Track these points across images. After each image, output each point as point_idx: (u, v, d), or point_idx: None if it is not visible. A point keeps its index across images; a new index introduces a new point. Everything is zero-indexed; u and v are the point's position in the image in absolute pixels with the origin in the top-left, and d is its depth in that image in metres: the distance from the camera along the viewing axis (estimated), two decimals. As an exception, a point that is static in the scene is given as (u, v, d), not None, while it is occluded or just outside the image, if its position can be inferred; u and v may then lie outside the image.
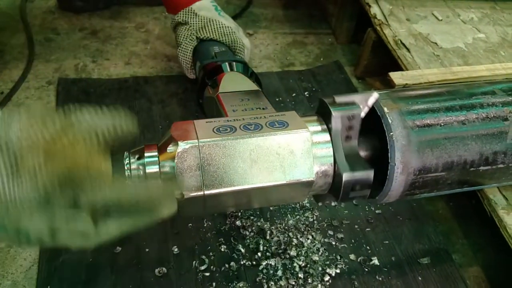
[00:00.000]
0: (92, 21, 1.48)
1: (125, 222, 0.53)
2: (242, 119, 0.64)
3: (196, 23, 1.14)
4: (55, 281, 0.80)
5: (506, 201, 0.81)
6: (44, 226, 0.50)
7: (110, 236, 0.53)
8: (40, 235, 0.50)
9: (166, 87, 1.23)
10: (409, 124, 0.64)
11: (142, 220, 0.54)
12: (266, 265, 0.84)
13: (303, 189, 0.64)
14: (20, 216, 0.49)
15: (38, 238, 0.50)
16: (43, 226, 0.50)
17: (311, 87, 1.28)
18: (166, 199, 0.56)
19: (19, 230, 0.50)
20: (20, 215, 0.49)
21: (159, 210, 0.56)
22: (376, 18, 1.24)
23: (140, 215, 0.54)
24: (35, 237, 0.50)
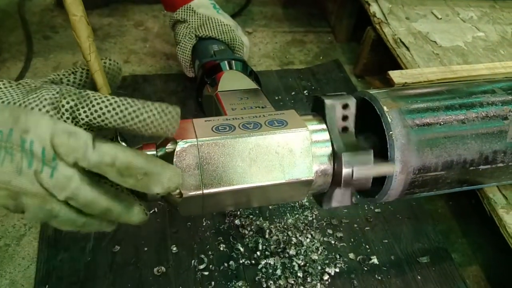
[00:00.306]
0: (90, 19, 1.45)
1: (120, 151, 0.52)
2: (241, 118, 0.64)
3: (194, 21, 1.13)
4: (53, 280, 0.79)
5: (505, 200, 0.81)
6: (47, 134, 0.50)
7: (104, 159, 0.50)
8: (42, 145, 0.50)
9: (165, 85, 1.23)
10: (408, 123, 0.64)
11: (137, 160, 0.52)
12: (265, 264, 0.84)
13: (303, 188, 0.64)
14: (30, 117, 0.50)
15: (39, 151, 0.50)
16: (47, 135, 0.50)
17: (310, 86, 1.28)
18: None
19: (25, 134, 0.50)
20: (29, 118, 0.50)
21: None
22: (375, 16, 1.24)
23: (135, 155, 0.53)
24: (37, 148, 0.49)
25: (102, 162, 0.50)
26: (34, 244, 0.86)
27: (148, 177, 0.52)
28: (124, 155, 0.51)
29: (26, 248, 0.86)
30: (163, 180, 0.53)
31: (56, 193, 0.51)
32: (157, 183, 0.53)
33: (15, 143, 0.50)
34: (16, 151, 0.50)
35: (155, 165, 0.53)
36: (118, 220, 0.56)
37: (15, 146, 0.50)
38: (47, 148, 0.50)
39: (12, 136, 0.49)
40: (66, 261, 0.82)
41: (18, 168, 0.50)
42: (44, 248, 0.84)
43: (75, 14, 0.56)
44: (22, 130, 0.49)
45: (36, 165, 0.50)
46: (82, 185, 0.51)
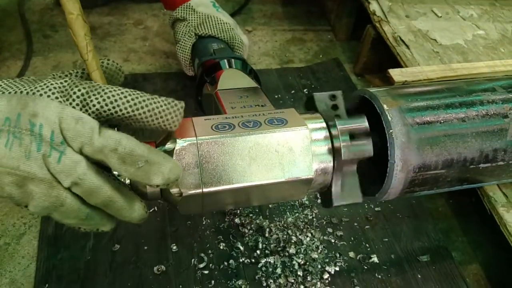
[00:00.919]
0: (90, 18, 1.48)
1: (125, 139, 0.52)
2: (240, 116, 0.63)
3: (194, 19, 1.13)
4: (53, 278, 0.79)
5: (506, 198, 0.81)
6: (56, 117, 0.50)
7: (109, 143, 0.51)
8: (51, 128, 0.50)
9: (164, 84, 1.23)
10: (408, 122, 0.64)
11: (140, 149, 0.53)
12: (265, 263, 0.84)
13: (302, 187, 0.64)
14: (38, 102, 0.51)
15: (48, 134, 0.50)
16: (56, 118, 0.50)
17: (310, 84, 1.28)
18: None
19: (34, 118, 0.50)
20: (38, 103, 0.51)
21: None
22: (375, 14, 1.24)
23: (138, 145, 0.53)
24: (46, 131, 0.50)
25: (106, 146, 0.51)
26: (34, 243, 0.85)
27: (149, 166, 0.52)
28: (128, 142, 0.52)
29: (26, 247, 0.86)
30: (164, 170, 0.53)
31: (63, 178, 0.51)
32: (158, 173, 0.53)
33: (24, 127, 0.50)
34: (25, 135, 0.50)
35: (157, 155, 0.53)
36: (119, 214, 0.56)
37: (24, 130, 0.50)
38: (56, 132, 0.50)
39: (20, 121, 0.50)
40: (66, 260, 0.82)
41: (27, 152, 0.50)
42: (44, 247, 0.84)
43: (72, 12, 0.56)
44: (31, 114, 0.50)
45: (44, 148, 0.50)
46: (88, 171, 0.51)
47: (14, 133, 0.50)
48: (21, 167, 0.50)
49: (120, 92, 0.53)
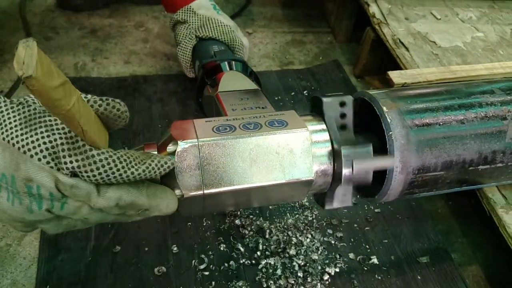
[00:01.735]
0: (91, 20, 1.48)
1: (125, 192, 0.54)
2: (241, 118, 0.64)
3: (195, 22, 1.14)
4: (54, 280, 0.80)
5: (505, 200, 0.81)
6: (51, 182, 0.50)
7: (110, 203, 0.53)
8: (48, 191, 0.51)
9: (165, 86, 1.23)
10: (408, 124, 0.64)
11: (141, 198, 0.55)
12: (265, 264, 0.84)
13: (303, 188, 0.64)
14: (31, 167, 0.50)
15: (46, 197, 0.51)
16: (52, 184, 0.51)
17: (310, 86, 1.28)
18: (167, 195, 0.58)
19: (29, 182, 0.50)
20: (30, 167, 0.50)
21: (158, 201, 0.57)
22: (375, 17, 1.25)
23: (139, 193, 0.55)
24: (45, 193, 0.51)
25: (107, 206, 0.53)
26: (35, 244, 0.86)
27: (149, 210, 0.57)
28: (128, 196, 0.54)
29: (27, 248, 0.86)
30: (161, 208, 0.57)
31: (70, 216, 0.54)
32: (156, 211, 0.57)
33: (21, 190, 0.51)
34: (23, 196, 0.51)
35: (155, 198, 0.56)
36: None
37: (22, 192, 0.51)
38: (54, 192, 0.51)
39: (15, 183, 0.50)
40: (67, 262, 0.82)
41: (29, 209, 0.52)
42: (45, 248, 0.84)
43: (59, 113, 0.47)
44: (25, 179, 0.50)
45: (46, 204, 0.52)
46: (92, 210, 0.54)
47: (13, 192, 0.51)
48: (26, 218, 0.53)
49: (114, 165, 0.51)
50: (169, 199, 0.57)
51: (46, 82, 0.42)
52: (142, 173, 0.53)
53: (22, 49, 0.41)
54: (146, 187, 0.55)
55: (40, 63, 0.41)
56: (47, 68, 0.42)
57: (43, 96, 0.43)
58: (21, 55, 0.40)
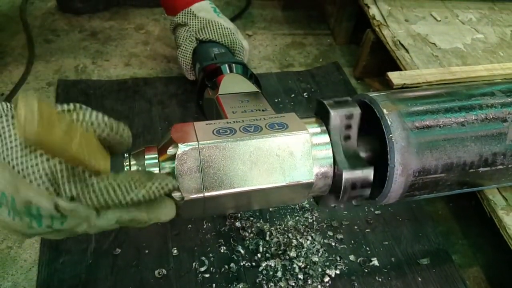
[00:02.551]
0: (91, 23, 1.48)
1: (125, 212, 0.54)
2: (241, 121, 0.64)
3: (195, 24, 1.14)
4: (55, 282, 0.80)
5: (505, 201, 0.81)
6: (51, 205, 0.50)
7: (110, 222, 0.54)
8: (48, 213, 0.51)
9: (165, 88, 1.23)
10: (408, 126, 0.64)
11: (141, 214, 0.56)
12: (265, 266, 0.84)
13: (303, 191, 0.64)
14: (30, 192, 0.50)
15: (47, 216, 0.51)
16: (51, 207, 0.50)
17: (310, 88, 1.28)
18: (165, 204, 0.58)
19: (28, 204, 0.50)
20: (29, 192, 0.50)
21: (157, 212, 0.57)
22: (374, 19, 1.25)
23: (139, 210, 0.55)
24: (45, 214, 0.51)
25: (107, 226, 0.54)
26: (36, 247, 0.86)
27: (148, 222, 0.57)
28: (128, 215, 0.55)
29: (28, 250, 0.86)
30: (160, 217, 0.58)
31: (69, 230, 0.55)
32: (154, 221, 0.58)
33: (20, 210, 0.51)
34: (23, 215, 0.51)
35: (154, 211, 0.56)
36: None
37: (21, 212, 0.51)
38: (54, 213, 0.51)
39: (15, 204, 0.50)
40: (68, 264, 0.82)
41: (30, 226, 0.52)
42: (46, 251, 0.84)
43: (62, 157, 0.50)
44: (25, 201, 0.50)
45: (46, 222, 0.52)
46: (92, 226, 0.55)
47: (14, 210, 0.51)
48: (27, 232, 0.53)
49: (113, 193, 0.52)
50: (167, 208, 0.58)
51: (48, 134, 0.44)
52: (141, 198, 0.53)
53: (22, 105, 0.41)
54: (145, 204, 0.55)
55: (41, 117, 0.42)
56: (47, 119, 0.44)
57: (47, 146, 0.46)
58: (21, 113, 0.41)
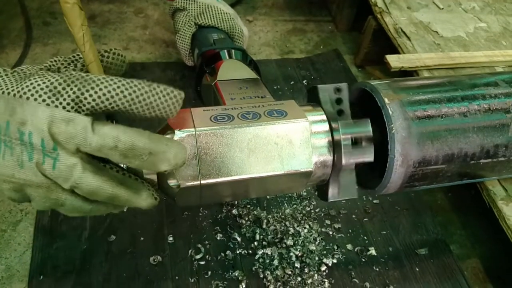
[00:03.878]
0: (90, 6, 1.47)
1: (122, 132, 0.50)
2: (240, 108, 0.63)
3: (194, 9, 1.13)
4: (49, 268, 0.79)
5: (505, 192, 0.81)
6: (45, 126, 0.48)
7: (105, 140, 0.50)
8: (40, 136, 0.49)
9: (163, 73, 1.22)
10: (409, 116, 0.63)
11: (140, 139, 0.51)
12: (262, 254, 0.84)
13: (302, 180, 0.63)
14: (26, 108, 0.49)
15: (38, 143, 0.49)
16: (45, 126, 0.48)
17: (309, 75, 1.27)
18: None
19: (23, 126, 0.49)
20: (26, 109, 0.49)
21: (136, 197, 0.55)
22: (376, 6, 1.23)
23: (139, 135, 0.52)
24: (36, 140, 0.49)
25: (104, 145, 0.50)
26: (30, 230, 0.85)
27: (154, 156, 0.51)
28: (127, 136, 0.50)
29: (22, 233, 0.85)
30: (169, 157, 0.52)
31: (61, 182, 0.51)
32: (163, 161, 0.52)
33: (14, 136, 0.49)
34: (15, 144, 0.49)
35: (159, 143, 0.52)
36: (125, 205, 0.55)
37: (14, 139, 0.49)
38: (46, 139, 0.49)
39: (9, 129, 0.49)
40: (62, 250, 0.82)
41: (20, 162, 0.49)
42: (40, 236, 0.83)
43: (67, 1, 0.51)
44: (19, 123, 0.48)
45: (37, 157, 0.49)
46: (85, 174, 0.50)
47: (5, 141, 0.49)
48: (15, 175, 0.50)
49: (116, 86, 0.50)
50: (177, 148, 0.53)
51: None
52: (145, 94, 0.51)
53: None
54: (148, 132, 0.52)
55: None
56: None
57: None
58: None
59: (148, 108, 0.51)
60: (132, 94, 0.50)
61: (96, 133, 0.49)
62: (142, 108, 0.51)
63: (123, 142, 0.50)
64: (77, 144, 0.49)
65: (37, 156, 0.49)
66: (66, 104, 0.49)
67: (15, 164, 0.49)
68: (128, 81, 0.51)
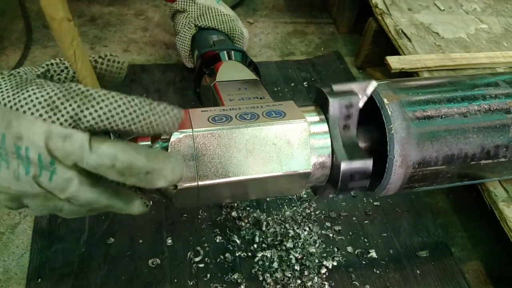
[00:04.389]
0: (91, 8, 1.47)
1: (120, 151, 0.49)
2: (238, 109, 0.62)
3: (194, 11, 1.12)
4: (47, 270, 0.79)
5: (506, 193, 0.80)
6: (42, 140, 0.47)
7: (103, 160, 0.49)
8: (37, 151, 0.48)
9: (163, 75, 1.22)
10: (409, 116, 0.63)
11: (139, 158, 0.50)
12: (261, 257, 0.83)
13: (300, 181, 0.63)
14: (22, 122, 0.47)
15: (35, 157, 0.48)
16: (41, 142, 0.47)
17: (310, 77, 1.27)
18: None
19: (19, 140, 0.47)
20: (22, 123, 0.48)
21: None
22: (377, 7, 1.23)
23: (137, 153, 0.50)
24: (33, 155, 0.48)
25: (101, 165, 0.49)
26: (29, 233, 0.85)
27: (151, 174, 0.51)
28: (124, 156, 0.49)
29: (21, 236, 0.85)
30: (166, 174, 0.52)
31: (57, 193, 0.50)
32: (160, 178, 0.52)
33: (10, 150, 0.48)
34: (12, 158, 0.48)
35: (156, 161, 0.51)
36: (118, 212, 0.55)
37: (10, 153, 0.48)
38: (43, 155, 0.48)
39: (5, 143, 0.48)
40: (60, 252, 0.81)
41: (16, 175, 0.49)
42: (38, 239, 0.83)
43: (54, 17, 0.47)
44: (15, 137, 0.48)
45: (33, 170, 0.49)
46: (82, 187, 0.50)
47: (1, 155, 0.48)
48: (12, 187, 0.50)
49: (117, 105, 0.49)
50: (174, 163, 0.52)
51: None
52: (145, 113, 0.50)
53: None
54: (146, 149, 0.51)
55: None
56: None
57: None
58: None
59: (148, 127, 0.50)
60: (132, 114, 0.49)
61: (94, 152, 0.48)
62: (142, 128, 0.50)
63: (121, 161, 0.49)
64: (74, 161, 0.49)
65: (33, 169, 0.49)
66: (63, 121, 0.48)
67: (11, 177, 0.49)
68: (129, 99, 0.50)
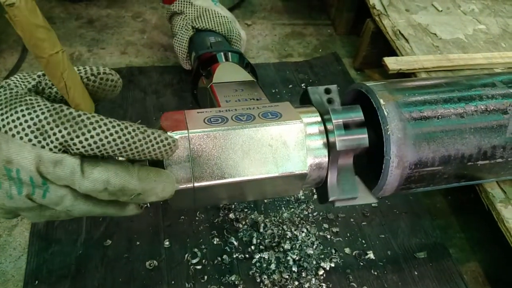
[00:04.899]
0: (88, 10, 1.46)
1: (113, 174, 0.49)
2: (234, 110, 0.62)
3: (191, 13, 1.12)
4: (44, 273, 0.78)
5: (504, 194, 0.80)
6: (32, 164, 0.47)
7: (95, 185, 0.49)
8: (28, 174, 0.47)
9: (161, 77, 1.22)
10: (405, 117, 0.63)
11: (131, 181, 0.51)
12: (259, 259, 0.83)
13: (297, 182, 0.63)
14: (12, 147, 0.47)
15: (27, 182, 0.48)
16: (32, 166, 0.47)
17: (308, 79, 1.26)
18: None
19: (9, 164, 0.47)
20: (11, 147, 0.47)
21: None
22: (375, 8, 1.23)
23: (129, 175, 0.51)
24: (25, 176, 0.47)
25: (94, 189, 0.49)
26: (26, 235, 0.84)
27: (143, 194, 0.52)
28: (117, 180, 0.50)
29: (18, 238, 0.85)
30: (157, 191, 0.53)
31: (52, 207, 0.51)
32: (151, 196, 0.53)
33: (0, 172, 0.48)
34: (3, 179, 0.48)
35: (148, 182, 0.52)
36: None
37: (1, 175, 0.48)
38: (34, 177, 0.48)
39: None
40: (57, 255, 0.81)
41: (9, 194, 0.49)
42: (35, 241, 0.83)
43: (42, 56, 0.44)
44: (5, 161, 0.47)
45: (26, 190, 0.49)
46: (76, 202, 0.51)
47: None
48: (6, 204, 0.50)
49: (108, 134, 0.48)
50: (165, 182, 0.53)
51: (29, 16, 0.42)
52: (138, 142, 0.49)
53: None
54: (137, 170, 0.51)
55: None
56: (31, 5, 0.42)
57: (26, 31, 0.42)
58: None
59: (140, 154, 0.50)
60: (124, 142, 0.49)
61: (86, 178, 0.48)
62: (133, 155, 0.50)
63: (113, 186, 0.50)
64: (66, 183, 0.49)
65: (26, 189, 0.49)
66: (53, 147, 0.47)
67: (4, 196, 0.49)
68: (122, 127, 0.49)
